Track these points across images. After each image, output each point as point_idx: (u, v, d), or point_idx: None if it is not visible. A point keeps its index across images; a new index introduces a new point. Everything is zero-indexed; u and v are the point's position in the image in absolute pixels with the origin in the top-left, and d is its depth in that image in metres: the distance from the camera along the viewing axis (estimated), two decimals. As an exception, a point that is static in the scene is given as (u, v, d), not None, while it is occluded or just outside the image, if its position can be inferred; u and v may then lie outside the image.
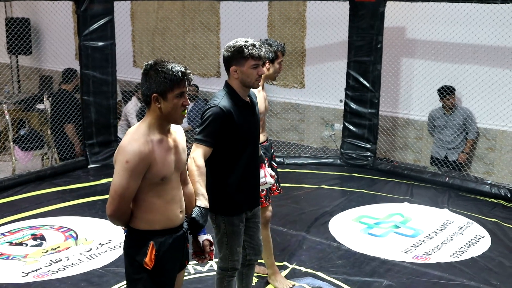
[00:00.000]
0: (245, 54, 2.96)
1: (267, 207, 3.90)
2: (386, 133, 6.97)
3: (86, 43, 6.48)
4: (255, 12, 7.31)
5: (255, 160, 3.20)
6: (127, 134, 2.54)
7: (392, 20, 6.59)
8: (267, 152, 3.91)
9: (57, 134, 6.77)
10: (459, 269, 4.28)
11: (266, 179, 3.56)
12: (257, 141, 3.21)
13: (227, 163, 3.07)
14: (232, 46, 2.99)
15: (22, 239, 4.76)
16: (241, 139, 3.05)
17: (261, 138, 3.75)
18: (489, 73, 6.14)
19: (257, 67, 3.00)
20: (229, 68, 3.03)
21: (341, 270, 4.25)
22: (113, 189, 2.48)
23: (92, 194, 5.81)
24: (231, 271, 3.24)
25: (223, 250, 3.19)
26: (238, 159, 3.07)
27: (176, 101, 2.50)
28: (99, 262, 4.36)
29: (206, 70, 8.21)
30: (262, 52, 2.99)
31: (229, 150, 3.04)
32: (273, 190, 4.02)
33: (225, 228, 3.14)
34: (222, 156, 3.05)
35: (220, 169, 3.08)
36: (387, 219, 5.24)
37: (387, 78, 6.86)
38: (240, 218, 3.15)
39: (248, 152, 3.10)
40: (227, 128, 2.99)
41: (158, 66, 2.49)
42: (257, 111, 3.19)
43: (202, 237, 2.77)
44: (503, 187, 5.81)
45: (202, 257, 2.80)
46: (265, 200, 3.84)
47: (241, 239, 3.20)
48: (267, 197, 3.87)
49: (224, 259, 3.21)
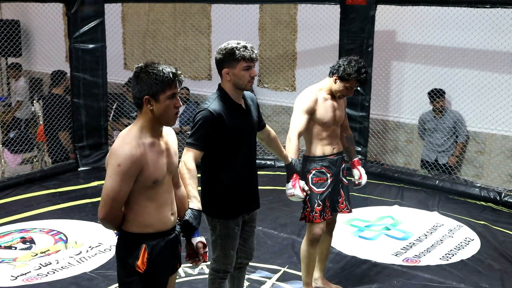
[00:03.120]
0: (236, 56, 2.95)
1: (319, 224, 3.70)
2: (377, 136, 6.99)
3: (77, 45, 6.46)
4: (246, 15, 7.31)
5: (252, 163, 3.19)
6: (119, 137, 2.52)
7: (382, 24, 6.62)
8: (331, 166, 3.74)
9: (51, 140, 6.70)
10: (449, 272, 4.30)
11: (295, 191, 3.45)
12: (253, 144, 3.19)
13: (221, 166, 3.06)
14: (224, 49, 2.98)
15: (11, 243, 4.73)
16: (233, 142, 3.04)
17: (328, 150, 3.71)
18: (479, 76, 6.18)
19: (249, 69, 2.99)
20: (221, 70, 3.03)
21: (332, 273, 4.25)
22: (105, 192, 2.47)
23: (82, 197, 5.78)
24: (222, 273, 3.24)
25: (216, 251, 3.19)
26: (232, 162, 3.06)
27: (168, 103, 2.49)
28: (89, 266, 4.33)
29: (197, 73, 8.20)
30: (253, 54, 2.98)
31: (222, 153, 3.04)
32: (342, 208, 3.86)
33: (220, 230, 3.13)
34: (216, 159, 3.05)
35: (215, 171, 3.08)
36: (378, 222, 5.25)
37: (378, 81, 6.89)
38: (236, 221, 3.15)
39: (243, 155, 3.09)
40: (218, 131, 2.98)
41: (148, 68, 2.48)
42: (253, 114, 3.17)
43: (196, 239, 2.76)
44: (492, 190, 5.85)
45: (196, 259, 2.79)
46: (320, 216, 3.68)
47: (236, 242, 3.19)
48: (322, 213, 3.69)
49: (217, 261, 3.21)
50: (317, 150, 3.71)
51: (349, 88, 3.66)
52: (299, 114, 3.62)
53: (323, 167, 3.70)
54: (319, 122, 3.65)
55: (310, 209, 3.68)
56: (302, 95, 3.69)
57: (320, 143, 3.70)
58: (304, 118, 3.60)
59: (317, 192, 3.68)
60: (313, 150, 3.71)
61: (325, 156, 3.71)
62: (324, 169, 3.70)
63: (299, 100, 3.67)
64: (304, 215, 3.73)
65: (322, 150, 3.71)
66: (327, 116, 3.66)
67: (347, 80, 3.61)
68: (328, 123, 3.67)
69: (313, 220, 3.69)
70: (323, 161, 3.70)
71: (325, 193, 3.70)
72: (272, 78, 7.79)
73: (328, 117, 3.66)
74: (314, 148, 3.71)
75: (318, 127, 3.67)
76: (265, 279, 4.14)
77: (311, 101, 3.63)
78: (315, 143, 3.71)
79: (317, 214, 3.68)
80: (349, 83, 3.63)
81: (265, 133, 3.36)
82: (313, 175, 3.69)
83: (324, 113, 3.65)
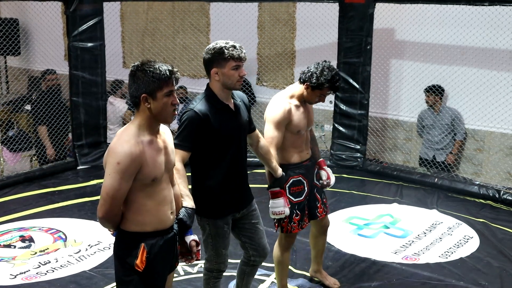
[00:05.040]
0: (225, 55, 2.95)
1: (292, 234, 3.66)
2: (376, 134, 7.00)
3: (75, 44, 6.45)
4: (245, 14, 7.31)
5: (240, 163, 3.18)
6: (117, 135, 2.53)
7: (381, 22, 6.62)
8: (307, 173, 3.67)
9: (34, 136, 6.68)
10: (448, 270, 4.30)
11: (285, 209, 3.44)
12: (242, 144, 3.18)
13: (208, 166, 3.07)
14: (212, 48, 2.99)
15: (10, 241, 4.73)
16: (220, 142, 3.04)
17: (304, 156, 3.63)
18: (477, 74, 6.19)
19: (238, 68, 2.99)
20: (210, 70, 3.02)
21: (332, 271, 4.26)
22: (104, 191, 2.47)
23: (81, 196, 5.78)
24: (216, 272, 3.26)
25: (208, 251, 3.21)
26: (219, 162, 3.07)
27: (165, 100, 2.50)
28: (88, 264, 4.33)
29: (196, 71, 8.20)
30: (242, 53, 2.99)
31: (208, 153, 3.05)
32: (320, 213, 3.79)
33: (209, 230, 3.15)
34: (202, 159, 3.06)
35: (202, 171, 3.09)
36: (377, 220, 5.26)
37: (377, 79, 6.89)
38: (224, 220, 3.16)
39: (230, 155, 3.09)
40: (203, 131, 2.99)
41: (145, 66, 2.49)
42: (242, 114, 3.16)
43: (189, 238, 2.78)
44: (491, 188, 5.85)
45: (189, 258, 2.81)
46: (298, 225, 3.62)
47: (227, 241, 3.20)
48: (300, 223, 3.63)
49: (210, 260, 3.23)
50: (293, 158, 3.60)
51: (321, 96, 3.58)
52: (274, 127, 3.46)
53: (300, 175, 3.61)
54: (294, 131, 3.55)
55: (289, 220, 3.59)
56: (274, 106, 3.51)
57: (295, 150, 3.60)
58: (280, 132, 3.48)
59: (295, 202, 3.60)
60: (288, 158, 3.58)
61: (301, 162, 3.63)
62: (301, 177, 3.62)
63: (272, 112, 3.49)
64: (281, 226, 3.64)
65: (299, 157, 3.62)
66: (301, 124, 3.56)
67: (320, 89, 3.53)
68: (302, 130, 3.59)
69: (291, 231, 3.63)
70: (300, 168, 3.62)
71: (303, 202, 3.64)
72: (271, 76, 7.79)
73: (302, 124, 3.57)
74: (290, 156, 3.59)
75: (292, 135, 3.56)
76: (264, 277, 4.14)
77: (285, 112, 3.47)
78: (290, 150, 3.59)
79: (295, 224, 3.62)
80: (322, 91, 3.55)
81: (254, 138, 3.31)
82: (290, 185, 3.58)
83: (298, 122, 3.54)
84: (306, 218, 3.70)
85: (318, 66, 3.55)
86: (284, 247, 3.74)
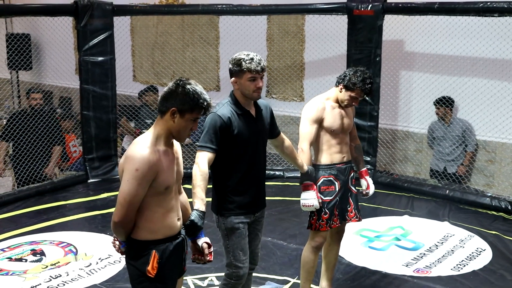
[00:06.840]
0: (242, 67, 3.12)
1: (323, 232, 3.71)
2: (386, 146, 6.97)
3: (86, 58, 6.52)
4: (254, 26, 7.34)
5: (258, 166, 3.30)
6: (134, 143, 2.60)
7: (390, 33, 6.62)
8: (339, 175, 3.75)
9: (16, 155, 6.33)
10: (460, 283, 4.26)
11: (314, 201, 3.56)
12: (260, 148, 3.31)
13: (226, 167, 3.21)
14: (233, 59, 3.18)
15: (22, 255, 4.74)
16: (239, 145, 3.18)
17: (337, 158, 3.74)
18: (488, 85, 6.16)
19: (255, 80, 3.14)
20: (231, 79, 3.21)
21: (342, 284, 4.23)
22: (122, 196, 2.54)
23: (92, 209, 5.80)
24: (235, 279, 3.29)
25: (227, 257, 3.28)
26: (236, 164, 3.20)
27: (189, 123, 2.61)
28: (99, 277, 4.34)
29: (205, 84, 8.22)
30: (259, 66, 3.12)
31: (227, 155, 3.18)
32: (351, 217, 3.85)
33: (225, 229, 3.24)
34: (222, 160, 3.18)
35: (221, 171, 3.23)
36: (388, 232, 5.22)
37: (386, 91, 6.88)
38: (240, 219, 3.23)
39: (248, 158, 3.22)
40: (224, 134, 3.14)
41: (188, 86, 2.58)
42: (263, 121, 3.33)
43: (201, 240, 2.86)
44: (503, 199, 5.79)
45: (202, 259, 2.87)
46: (326, 224, 3.68)
47: (243, 242, 3.25)
48: (329, 221, 3.69)
49: (229, 265, 3.29)
50: (325, 158, 3.73)
51: (354, 98, 3.70)
52: (307, 124, 3.67)
53: (331, 175, 3.72)
54: (328, 130, 3.69)
55: (317, 217, 3.69)
56: (309, 104, 3.74)
57: (328, 151, 3.73)
58: (313, 128, 3.65)
59: (325, 200, 3.69)
60: (321, 158, 3.74)
61: (333, 164, 3.73)
62: (332, 178, 3.72)
63: (306, 110, 3.71)
64: (310, 223, 3.74)
65: (331, 159, 3.73)
66: (335, 124, 3.70)
67: (352, 90, 3.66)
68: (336, 130, 3.70)
69: (319, 228, 3.70)
70: (331, 169, 3.72)
71: (332, 202, 3.71)
72: (280, 88, 7.80)
73: (336, 124, 3.70)
74: (322, 157, 3.73)
75: (327, 135, 3.71)
76: None
77: (319, 110, 3.67)
78: (324, 151, 3.73)
79: (323, 223, 3.69)
80: (354, 93, 3.67)
81: (279, 140, 3.52)
82: (321, 183, 3.71)
83: (333, 121, 3.69)
84: (336, 219, 3.75)
85: (353, 69, 3.75)
86: (312, 247, 3.76)
